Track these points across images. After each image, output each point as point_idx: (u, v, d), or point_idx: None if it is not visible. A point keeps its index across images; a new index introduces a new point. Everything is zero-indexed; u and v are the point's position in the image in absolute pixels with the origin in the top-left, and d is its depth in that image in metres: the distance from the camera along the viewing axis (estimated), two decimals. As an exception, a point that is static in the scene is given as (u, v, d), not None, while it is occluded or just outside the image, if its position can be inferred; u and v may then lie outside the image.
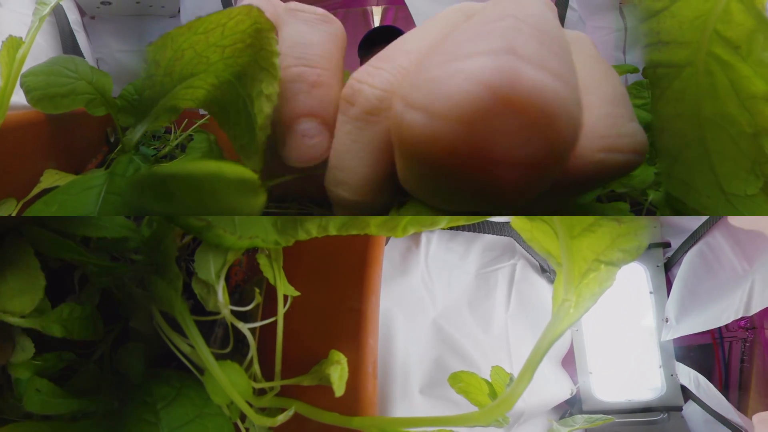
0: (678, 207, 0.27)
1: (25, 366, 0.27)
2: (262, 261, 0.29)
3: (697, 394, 0.81)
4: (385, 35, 1.10)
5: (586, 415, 0.29)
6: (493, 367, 0.30)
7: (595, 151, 0.18)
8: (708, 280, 0.75)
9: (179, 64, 0.20)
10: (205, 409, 0.26)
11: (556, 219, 0.19)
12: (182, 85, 0.21)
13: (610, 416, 0.29)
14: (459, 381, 0.30)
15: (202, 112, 0.59)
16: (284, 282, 0.30)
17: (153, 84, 0.20)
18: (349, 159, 0.19)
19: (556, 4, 0.89)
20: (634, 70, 0.49)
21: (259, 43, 0.19)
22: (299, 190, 0.27)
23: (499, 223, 0.79)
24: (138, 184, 0.17)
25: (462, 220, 0.19)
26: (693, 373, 0.81)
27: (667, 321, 0.84)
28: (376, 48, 0.23)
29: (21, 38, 0.35)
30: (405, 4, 0.89)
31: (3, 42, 0.34)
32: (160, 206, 0.16)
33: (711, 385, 0.76)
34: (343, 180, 0.20)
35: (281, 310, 0.30)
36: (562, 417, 0.88)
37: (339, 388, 0.28)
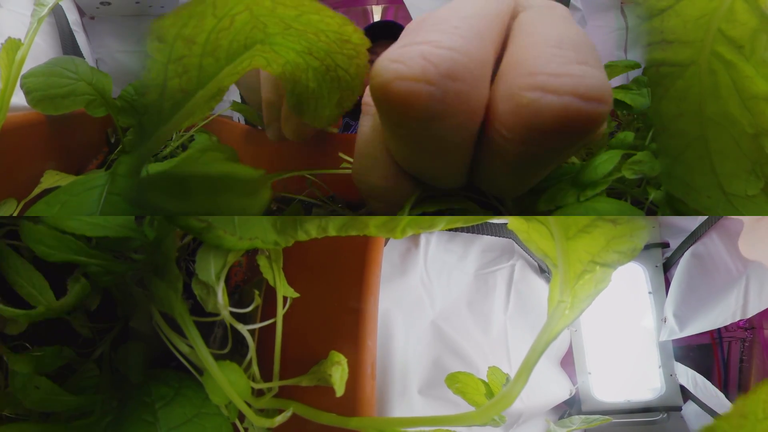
0: (678, 207, 0.27)
1: (24, 360, 0.27)
2: (262, 262, 0.29)
3: (695, 394, 0.81)
4: (384, 31, 1.10)
5: (583, 416, 0.29)
6: (489, 367, 0.30)
7: (522, 89, 0.17)
8: (704, 281, 0.75)
9: (227, 35, 0.15)
10: (203, 409, 0.26)
11: (551, 219, 0.19)
12: (237, 61, 0.17)
13: (607, 416, 0.30)
14: (456, 381, 0.30)
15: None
16: (284, 283, 0.30)
17: (185, 70, 0.15)
18: (373, 147, 0.23)
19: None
20: (636, 66, 0.49)
21: (341, 49, 0.20)
22: None
23: (498, 224, 0.79)
24: (150, 183, 0.17)
25: (460, 222, 0.19)
26: (691, 372, 0.81)
27: (665, 321, 0.84)
28: (375, 44, 0.24)
29: (20, 40, 0.35)
30: (405, 4, 0.89)
31: (2, 44, 0.34)
32: (174, 204, 0.17)
33: (708, 384, 0.75)
34: (370, 166, 0.23)
35: (280, 311, 0.30)
36: (561, 417, 0.88)
37: (340, 389, 0.28)
